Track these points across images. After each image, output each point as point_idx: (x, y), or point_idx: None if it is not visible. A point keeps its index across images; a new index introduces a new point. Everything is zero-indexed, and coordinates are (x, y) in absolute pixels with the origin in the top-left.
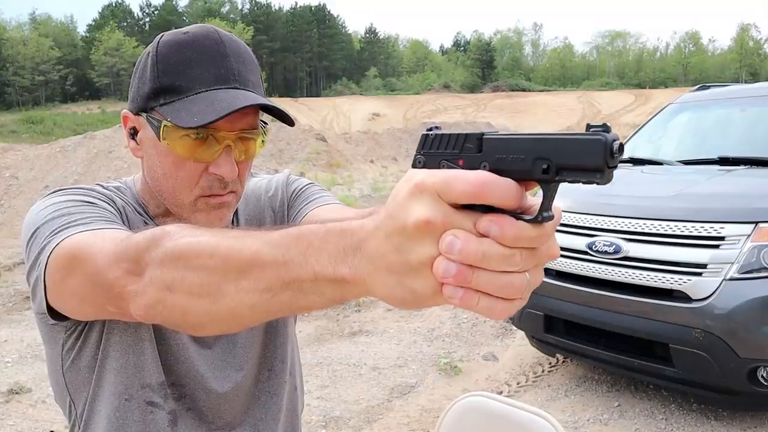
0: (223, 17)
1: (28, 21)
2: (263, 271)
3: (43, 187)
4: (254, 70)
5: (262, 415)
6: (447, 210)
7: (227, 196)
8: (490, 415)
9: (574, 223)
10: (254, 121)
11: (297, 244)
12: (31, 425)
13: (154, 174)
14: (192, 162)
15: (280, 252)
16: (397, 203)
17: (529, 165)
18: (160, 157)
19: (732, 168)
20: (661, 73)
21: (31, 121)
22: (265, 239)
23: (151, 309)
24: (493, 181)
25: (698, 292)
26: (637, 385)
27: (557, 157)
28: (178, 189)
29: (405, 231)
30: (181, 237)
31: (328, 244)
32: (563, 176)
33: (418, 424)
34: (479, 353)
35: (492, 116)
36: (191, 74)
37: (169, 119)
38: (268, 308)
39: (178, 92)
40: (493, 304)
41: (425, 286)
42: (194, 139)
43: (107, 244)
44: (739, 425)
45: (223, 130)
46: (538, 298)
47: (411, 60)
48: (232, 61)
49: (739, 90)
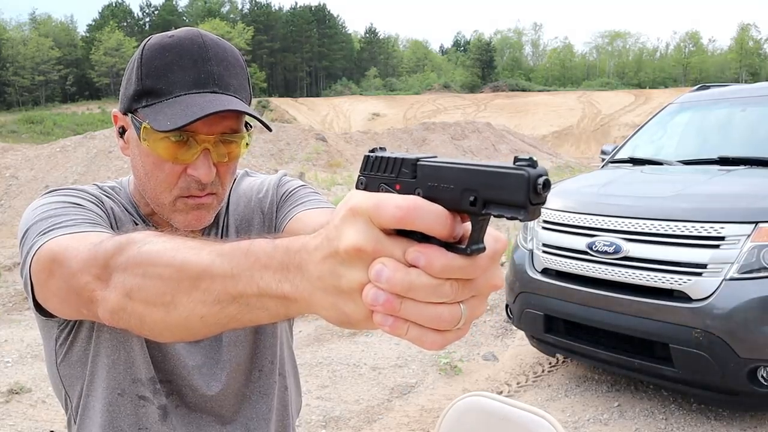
0: (223, 17)
1: (28, 21)
2: (213, 283)
3: (43, 187)
4: (238, 74)
5: (252, 414)
6: (378, 236)
7: (206, 198)
8: (490, 415)
9: (574, 223)
10: (235, 125)
11: (246, 258)
12: (31, 425)
13: (137, 173)
14: (171, 163)
15: (230, 266)
16: (334, 225)
17: (458, 195)
18: (142, 157)
19: (732, 168)
20: (661, 73)
21: (31, 121)
22: (218, 251)
23: (115, 314)
24: (422, 207)
25: (698, 292)
26: (637, 385)
27: (483, 190)
28: (158, 189)
29: (338, 255)
30: (143, 245)
31: (274, 260)
32: (489, 209)
33: (418, 424)
34: (479, 353)
35: (492, 116)
36: (171, 78)
37: (147, 122)
38: (218, 320)
39: (158, 95)
40: (422, 335)
41: (356, 311)
42: (173, 141)
43: (82, 249)
44: (739, 425)
45: (202, 133)
46: (539, 297)
47: (411, 60)
48: (213, 65)
49: (739, 90)
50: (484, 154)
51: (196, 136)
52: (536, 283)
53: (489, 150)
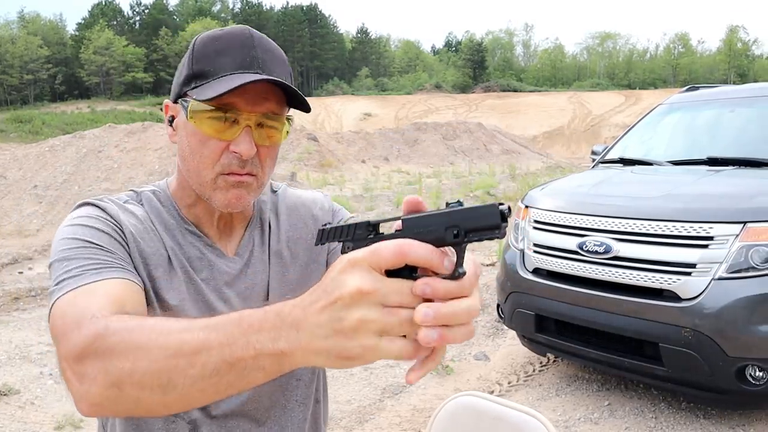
0: (214, 16)
1: (17, 19)
2: (210, 356)
3: (32, 187)
4: (282, 66)
5: (287, 422)
6: (377, 277)
7: (246, 176)
8: (481, 414)
9: (565, 223)
10: (277, 108)
11: (239, 326)
12: (20, 427)
13: (183, 154)
14: (215, 140)
15: (225, 335)
16: (331, 278)
17: (442, 233)
18: (188, 137)
19: (721, 168)
20: (651, 74)
21: (20, 120)
22: (209, 326)
23: (97, 406)
24: (413, 243)
25: (687, 292)
26: (627, 384)
27: (464, 224)
28: (201, 165)
29: (339, 301)
30: (128, 332)
31: (267, 322)
32: (471, 237)
33: (409, 423)
34: (471, 353)
35: (483, 116)
36: (219, 61)
37: (194, 97)
38: (217, 390)
39: (205, 77)
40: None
41: (355, 347)
42: (218, 119)
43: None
44: (727, 423)
45: (245, 112)
46: (530, 297)
47: (402, 60)
48: (259, 52)
49: (728, 91)
50: (475, 154)
51: (239, 115)
52: (527, 282)
53: (480, 150)
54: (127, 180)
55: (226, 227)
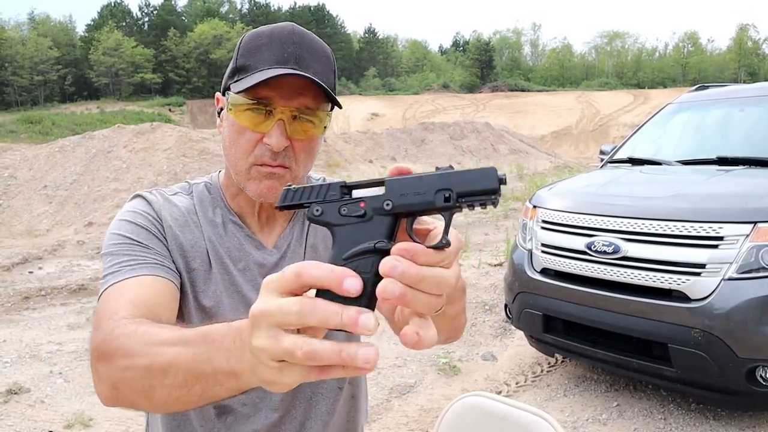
0: (222, 17)
1: (27, 21)
2: (179, 371)
3: (42, 187)
4: (323, 62)
5: (311, 414)
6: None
7: (278, 168)
8: (488, 415)
9: (573, 223)
10: (312, 104)
11: (205, 342)
12: (30, 425)
13: (224, 143)
14: (250, 131)
15: (192, 352)
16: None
17: (431, 196)
18: (229, 128)
19: (730, 168)
20: (660, 73)
21: (30, 121)
22: (184, 339)
23: (110, 400)
24: (309, 264)
25: (697, 292)
26: (635, 384)
27: (458, 186)
28: (237, 155)
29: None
30: (127, 338)
31: (226, 340)
32: (463, 201)
33: (417, 424)
34: (478, 353)
35: (491, 116)
36: (259, 56)
37: (233, 90)
38: (190, 399)
39: (246, 70)
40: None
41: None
42: (254, 111)
43: (95, 330)
44: (737, 425)
45: (279, 105)
46: (537, 297)
47: (410, 60)
48: (297, 48)
49: (738, 90)
50: (482, 154)
51: (274, 108)
52: (535, 283)
53: (488, 150)
54: (135, 180)
55: (268, 220)
